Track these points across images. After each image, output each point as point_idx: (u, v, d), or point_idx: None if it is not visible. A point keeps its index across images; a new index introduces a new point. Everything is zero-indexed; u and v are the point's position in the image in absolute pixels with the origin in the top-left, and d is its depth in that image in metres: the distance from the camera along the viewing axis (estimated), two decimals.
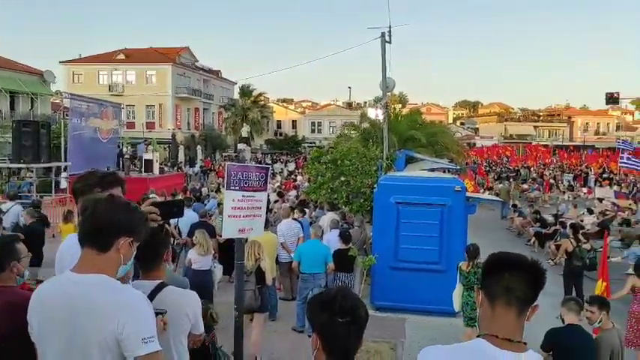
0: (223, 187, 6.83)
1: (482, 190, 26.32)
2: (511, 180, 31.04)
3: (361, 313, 1.96)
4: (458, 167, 18.99)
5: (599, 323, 5.18)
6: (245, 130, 37.85)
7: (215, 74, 60.89)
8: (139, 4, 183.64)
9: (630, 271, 8.45)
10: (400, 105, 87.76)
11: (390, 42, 14.21)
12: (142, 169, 23.97)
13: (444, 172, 15.42)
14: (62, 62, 49.55)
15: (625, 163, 27.05)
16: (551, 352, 4.89)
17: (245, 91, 56.36)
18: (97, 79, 49.21)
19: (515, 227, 19.30)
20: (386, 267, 9.20)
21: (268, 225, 9.27)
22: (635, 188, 26.00)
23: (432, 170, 13.87)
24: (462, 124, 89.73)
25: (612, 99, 41.22)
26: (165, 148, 39.61)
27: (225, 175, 5.13)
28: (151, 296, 2.54)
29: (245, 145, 33.98)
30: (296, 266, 8.70)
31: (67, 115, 22.23)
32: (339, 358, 1.96)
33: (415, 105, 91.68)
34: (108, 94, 43.10)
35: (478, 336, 1.85)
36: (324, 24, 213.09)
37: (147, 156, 24.70)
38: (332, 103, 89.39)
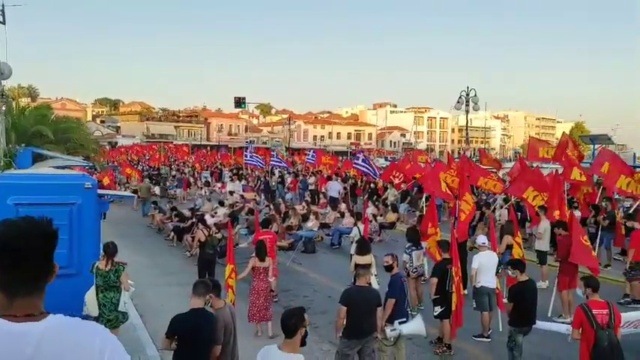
0: None
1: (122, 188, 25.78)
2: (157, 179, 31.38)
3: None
4: (92, 164, 18.10)
5: (208, 305, 5.60)
6: None
7: None
8: None
9: (253, 254, 9.58)
10: (30, 98, 78.55)
11: (4, 22, 12.36)
12: None
13: (84, 170, 14.48)
14: None
15: (249, 160, 30.63)
16: (176, 338, 5.06)
17: None
18: None
19: (156, 224, 19.61)
20: None
21: None
22: (259, 182, 29.70)
23: (64, 168, 12.81)
24: (102, 122, 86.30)
25: (240, 103, 46.25)
26: None
27: None
28: None
29: None
30: None
31: None
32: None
33: (48, 100, 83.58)
34: None
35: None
36: None
37: None
38: None
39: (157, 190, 27.77)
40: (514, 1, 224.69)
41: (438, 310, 8.41)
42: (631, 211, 13.82)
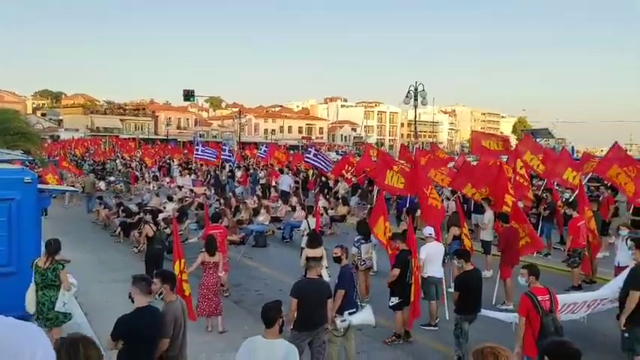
0: None
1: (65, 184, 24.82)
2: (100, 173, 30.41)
3: None
4: (32, 159, 17.36)
5: (159, 297, 5.49)
6: None
7: None
8: None
9: (203, 249, 9.43)
10: None
11: None
12: None
13: (25, 165, 13.91)
14: None
15: (199, 155, 30.11)
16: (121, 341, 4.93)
17: None
18: None
19: (102, 220, 19.04)
20: None
21: None
22: (209, 176, 29.25)
23: (2, 162, 12.25)
24: (43, 115, 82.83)
25: (189, 96, 45.39)
26: None
27: None
28: None
29: None
30: None
31: None
32: None
33: None
34: None
35: None
36: None
37: None
38: None
39: (102, 185, 26.98)
40: None
41: (394, 300, 8.47)
42: (570, 200, 14.47)
